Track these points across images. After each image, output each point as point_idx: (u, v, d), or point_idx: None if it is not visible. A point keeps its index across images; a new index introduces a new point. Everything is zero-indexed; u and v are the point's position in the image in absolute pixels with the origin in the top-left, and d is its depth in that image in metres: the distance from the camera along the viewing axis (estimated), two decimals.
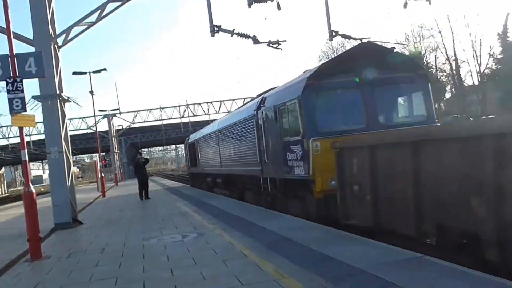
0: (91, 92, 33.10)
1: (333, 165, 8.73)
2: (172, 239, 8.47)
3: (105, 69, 32.93)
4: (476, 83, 58.05)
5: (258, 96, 15.84)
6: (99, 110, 49.54)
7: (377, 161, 7.46)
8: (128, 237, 9.38)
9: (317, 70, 10.67)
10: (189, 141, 29.62)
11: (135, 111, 58.20)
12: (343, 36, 22.61)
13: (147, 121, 59.44)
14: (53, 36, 12.16)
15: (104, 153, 53.54)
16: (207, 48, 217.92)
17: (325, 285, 4.67)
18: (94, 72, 32.93)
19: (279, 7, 18.72)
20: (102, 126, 57.80)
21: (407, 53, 67.16)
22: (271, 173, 12.30)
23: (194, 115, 59.68)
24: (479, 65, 57.13)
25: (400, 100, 11.64)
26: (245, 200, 15.68)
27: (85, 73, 32.73)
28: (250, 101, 17.88)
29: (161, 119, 59.60)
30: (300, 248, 6.53)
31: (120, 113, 55.78)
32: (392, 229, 7.18)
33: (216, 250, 7.08)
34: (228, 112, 49.87)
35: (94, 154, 79.10)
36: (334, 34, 20.23)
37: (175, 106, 59.00)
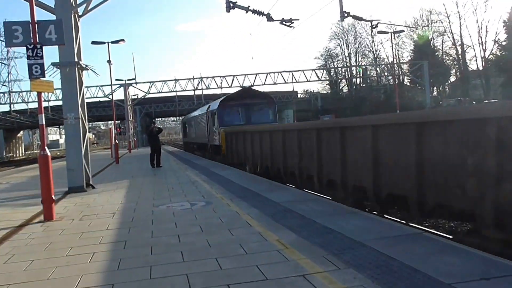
0: (109, 61, 32.98)
1: None
2: (181, 207, 8.44)
3: (123, 40, 32.77)
4: (480, 68, 57.27)
5: (208, 103, 29.73)
6: (116, 80, 49.63)
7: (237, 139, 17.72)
8: (138, 203, 9.37)
9: (224, 98, 23.96)
10: (183, 120, 46.89)
11: (150, 82, 58.25)
12: (354, 17, 22.31)
13: (161, 92, 59.41)
14: (74, 5, 12.00)
15: (119, 121, 53.71)
16: (223, 23, 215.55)
17: (326, 257, 4.61)
18: (112, 42, 32.77)
19: None
20: (118, 95, 57.89)
21: (415, 36, 66.38)
22: (210, 142, 25.45)
23: (208, 88, 59.45)
24: (484, 50, 56.41)
25: (260, 112, 23.09)
26: (201, 154, 29.55)
27: (104, 43, 32.60)
28: (207, 105, 29.08)
29: (175, 91, 59.42)
30: (303, 220, 6.48)
31: (136, 83, 55.81)
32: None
33: (222, 219, 7.04)
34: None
35: (110, 122, 79.31)
36: (345, 15, 19.92)
37: (189, 79, 58.76)
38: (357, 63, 74.59)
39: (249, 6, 17.92)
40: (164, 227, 6.71)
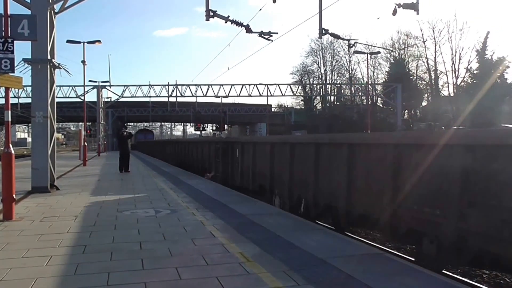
0: (83, 61, 32.57)
1: None
2: (145, 214, 8.34)
3: (99, 41, 32.39)
4: (452, 94, 58.70)
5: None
6: (90, 81, 48.89)
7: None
8: (102, 207, 9.22)
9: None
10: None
11: (124, 85, 57.52)
12: (332, 35, 22.60)
13: (135, 96, 58.73)
14: (50, 1, 11.82)
15: (90, 123, 52.88)
16: (201, 32, 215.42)
17: (287, 272, 4.62)
18: (88, 42, 32.37)
19: (274, 0, 18.56)
20: (91, 97, 56.94)
21: (391, 58, 67.74)
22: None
23: (182, 96, 59.14)
24: (456, 78, 57.82)
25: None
26: None
27: (79, 42, 32.18)
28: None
29: (150, 96, 58.91)
30: (268, 233, 6.48)
31: (110, 85, 55.14)
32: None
33: (186, 228, 6.98)
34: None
35: (80, 123, 77.99)
36: (324, 32, 20.17)
37: (164, 85, 58.34)
38: (333, 81, 75.54)
39: (228, 16, 17.99)
40: (126, 233, 6.61)
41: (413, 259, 6.78)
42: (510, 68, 50.44)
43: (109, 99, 58.35)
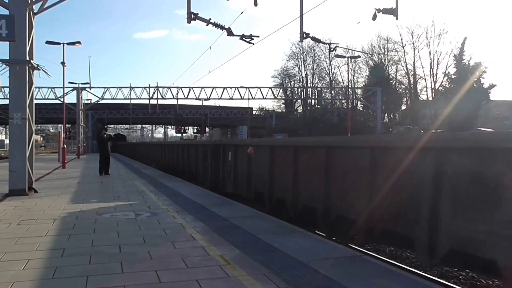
0: (63, 63, 32.17)
1: None
2: (125, 216, 8.26)
3: (79, 42, 32.05)
4: (430, 98, 59.54)
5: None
6: (69, 82, 48.31)
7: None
8: (81, 210, 9.10)
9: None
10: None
11: (105, 87, 56.95)
12: (313, 39, 22.73)
13: (116, 99, 58.27)
14: (29, 1, 11.64)
15: (69, 125, 52.23)
16: (182, 35, 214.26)
17: (267, 275, 4.62)
18: (68, 43, 32.01)
19: (256, 3, 18.58)
20: (71, 99, 56.23)
21: (371, 63, 68.46)
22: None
23: (163, 98, 58.86)
24: (435, 82, 58.69)
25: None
26: None
27: (59, 43, 31.78)
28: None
29: (130, 98, 58.50)
30: (248, 236, 6.47)
31: (90, 87, 54.52)
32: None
33: (166, 231, 6.94)
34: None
35: (60, 125, 77.00)
36: (305, 36, 20.27)
37: (144, 87, 57.98)
38: (313, 85, 76.00)
39: (210, 19, 17.95)
40: (106, 236, 6.54)
41: (392, 262, 6.86)
42: (486, 73, 51.41)
43: (89, 101, 57.69)
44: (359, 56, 61.68)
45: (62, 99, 42.86)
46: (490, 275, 6.02)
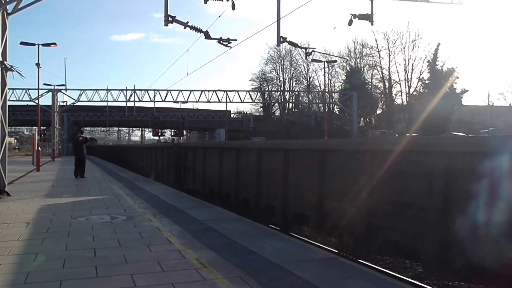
0: (38, 64, 31.64)
1: None
2: (100, 220, 8.15)
3: (55, 43, 31.55)
4: (405, 103, 60.43)
5: None
6: (44, 84, 47.48)
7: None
8: (56, 213, 8.94)
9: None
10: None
11: (81, 89, 56.07)
12: (290, 43, 22.87)
13: (92, 101, 57.33)
14: (3, 2, 11.42)
15: (44, 127, 51.34)
16: (158, 38, 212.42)
17: (243, 277, 4.61)
18: (43, 45, 31.48)
19: (233, 7, 18.60)
20: (46, 100, 55.27)
21: (348, 67, 69.18)
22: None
23: (140, 101, 58.24)
24: (409, 87, 59.65)
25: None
26: None
27: (34, 44, 31.24)
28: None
29: (107, 101, 57.71)
30: (224, 239, 6.46)
31: (66, 89, 53.62)
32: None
33: (142, 234, 6.87)
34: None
35: (34, 127, 75.62)
36: (282, 40, 20.37)
37: (121, 90, 57.27)
38: (291, 89, 76.37)
39: (187, 22, 17.89)
40: (80, 240, 6.44)
41: (367, 263, 6.92)
42: (458, 78, 52.45)
43: (64, 103, 56.76)
44: (335, 61, 62.28)
45: (37, 101, 42.13)
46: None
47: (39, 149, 27.35)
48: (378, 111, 68.69)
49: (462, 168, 4.92)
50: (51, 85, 49.69)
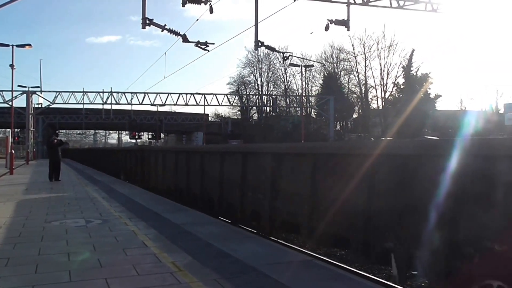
0: (12, 65, 31.08)
1: None
2: (75, 224, 8.04)
3: (29, 45, 31.03)
4: (381, 107, 61.21)
5: None
6: (19, 86, 46.64)
7: None
8: (29, 217, 8.78)
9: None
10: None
11: (56, 92, 55.13)
12: (268, 47, 22.95)
13: (68, 103, 56.47)
14: None
15: (18, 130, 50.38)
16: (134, 41, 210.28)
17: (218, 280, 4.61)
18: (17, 45, 30.92)
19: (211, 11, 18.61)
20: (20, 103, 54.34)
21: (325, 72, 69.77)
22: None
23: (117, 103, 57.70)
24: (385, 92, 60.44)
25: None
26: None
27: (8, 45, 30.64)
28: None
29: (83, 103, 56.93)
30: (200, 242, 6.45)
31: (41, 91, 52.77)
32: None
33: (118, 238, 6.80)
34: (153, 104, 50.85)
35: (8, 130, 74.12)
36: (260, 44, 20.45)
37: (98, 92, 56.61)
38: (269, 92, 76.59)
39: (165, 25, 17.83)
40: (54, 244, 6.34)
41: (342, 265, 6.99)
42: (432, 84, 53.44)
43: (39, 105, 55.79)
44: (312, 65, 62.71)
45: (10, 103, 41.31)
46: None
47: (13, 152, 26.84)
48: (355, 115, 69.39)
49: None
50: (25, 86, 48.88)
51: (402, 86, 55.11)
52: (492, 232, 4.39)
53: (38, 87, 51.77)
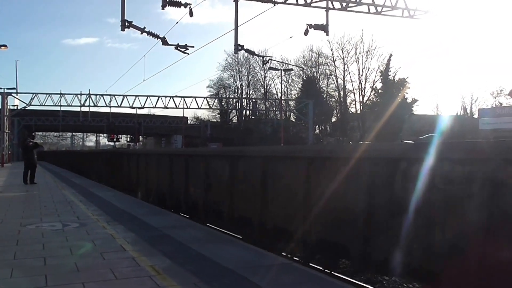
0: None
1: None
2: (51, 227, 7.90)
3: (5, 45, 30.52)
4: (359, 111, 61.85)
5: None
6: None
7: None
8: (3, 221, 8.60)
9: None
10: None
11: (33, 93, 54.17)
12: (248, 51, 22.98)
13: (45, 105, 55.53)
14: None
15: None
16: (112, 43, 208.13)
17: (197, 284, 4.58)
18: None
19: (191, 14, 18.55)
20: None
21: (304, 76, 70.17)
22: None
23: (95, 106, 56.93)
24: (363, 96, 61.10)
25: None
26: None
27: None
28: None
29: (60, 105, 56.05)
30: (180, 246, 6.40)
31: (17, 92, 51.81)
32: None
33: (95, 242, 6.70)
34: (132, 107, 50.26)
35: None
36: (239, 48, 20.46)
37: (76, 94, 55.81)
38: (248, 96, 76.66)
39: (144, 27, 17.71)
40: (30, 248, 6.22)
41: (320, 268, 7.02)
42: (409, 89, 54.25)
43: (15, 107, 54.74)
44: (292, 69, 63.02)
45: None
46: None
47: None
48: (333, 119, 69.96)
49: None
50: (1, 88, 47.97)
51: (380, 91, 55.80)
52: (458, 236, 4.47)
53: (14, 88, 50.87)
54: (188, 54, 20.04)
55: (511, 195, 4.02)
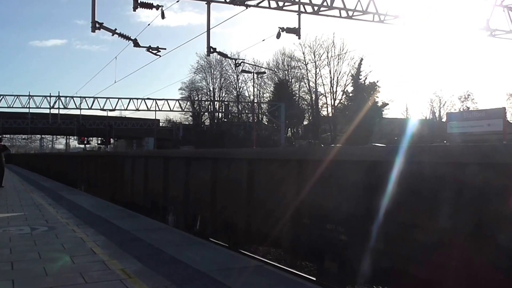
0: None
1: None
2: (19, 231, 7.69)
3: None
4: (330, 114, 62.51)
5: None
6: None
7: None
8: None
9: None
10: None
11: (0, 95, 52.91)
12: (220, 53, 22.98)
13: (13, 107, 54.33)
14: None
15: None
16: (81, 45, 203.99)
17: (169, 286, 4.54)
18: None
19: (163, 16, 18.42)
20: None
21: (276, 78, 70.54)
22: None
23: (65, 108, 55.94)
24: (334, 99, 61.80)
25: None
26: None
27: None
28: None
29: (29, 107, 54.87)
30: (152, 249, 6.32)
31: None
32: None
33: (65, 245, 6.56)
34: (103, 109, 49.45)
35: None
36: (212, 50, 20.42)
37: (45, 96, 54.73)
38: (221, 98, 76.55)
39: (115, 29, 17.50)
40: None
41: (292, 270, 7.04)
42: (380, 92, 55.13)
43: None
44: (264, 72, 63.28)
45: None
46: None
47: None
48: (305, 122, 70.53)
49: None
50: None
51: (351, 94, 56.52)
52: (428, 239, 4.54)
53: None
54: (160, 56, 19.90)
55: (487, 200, 4.10)
